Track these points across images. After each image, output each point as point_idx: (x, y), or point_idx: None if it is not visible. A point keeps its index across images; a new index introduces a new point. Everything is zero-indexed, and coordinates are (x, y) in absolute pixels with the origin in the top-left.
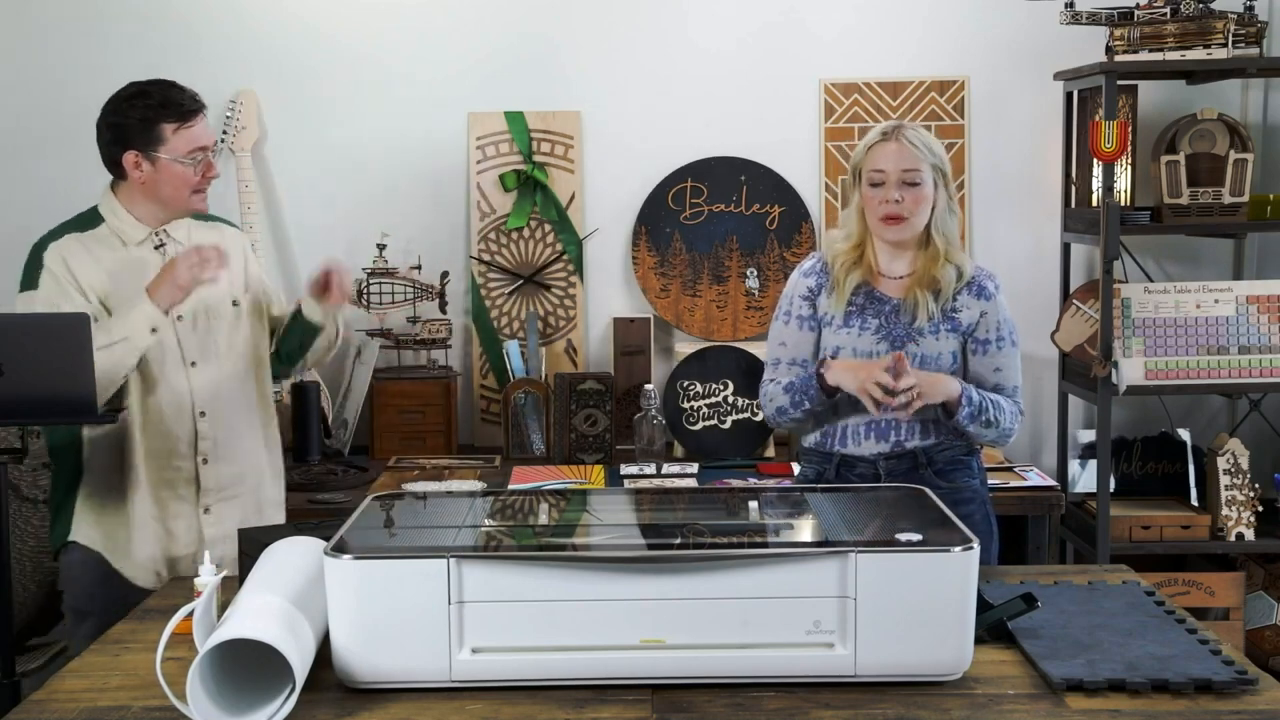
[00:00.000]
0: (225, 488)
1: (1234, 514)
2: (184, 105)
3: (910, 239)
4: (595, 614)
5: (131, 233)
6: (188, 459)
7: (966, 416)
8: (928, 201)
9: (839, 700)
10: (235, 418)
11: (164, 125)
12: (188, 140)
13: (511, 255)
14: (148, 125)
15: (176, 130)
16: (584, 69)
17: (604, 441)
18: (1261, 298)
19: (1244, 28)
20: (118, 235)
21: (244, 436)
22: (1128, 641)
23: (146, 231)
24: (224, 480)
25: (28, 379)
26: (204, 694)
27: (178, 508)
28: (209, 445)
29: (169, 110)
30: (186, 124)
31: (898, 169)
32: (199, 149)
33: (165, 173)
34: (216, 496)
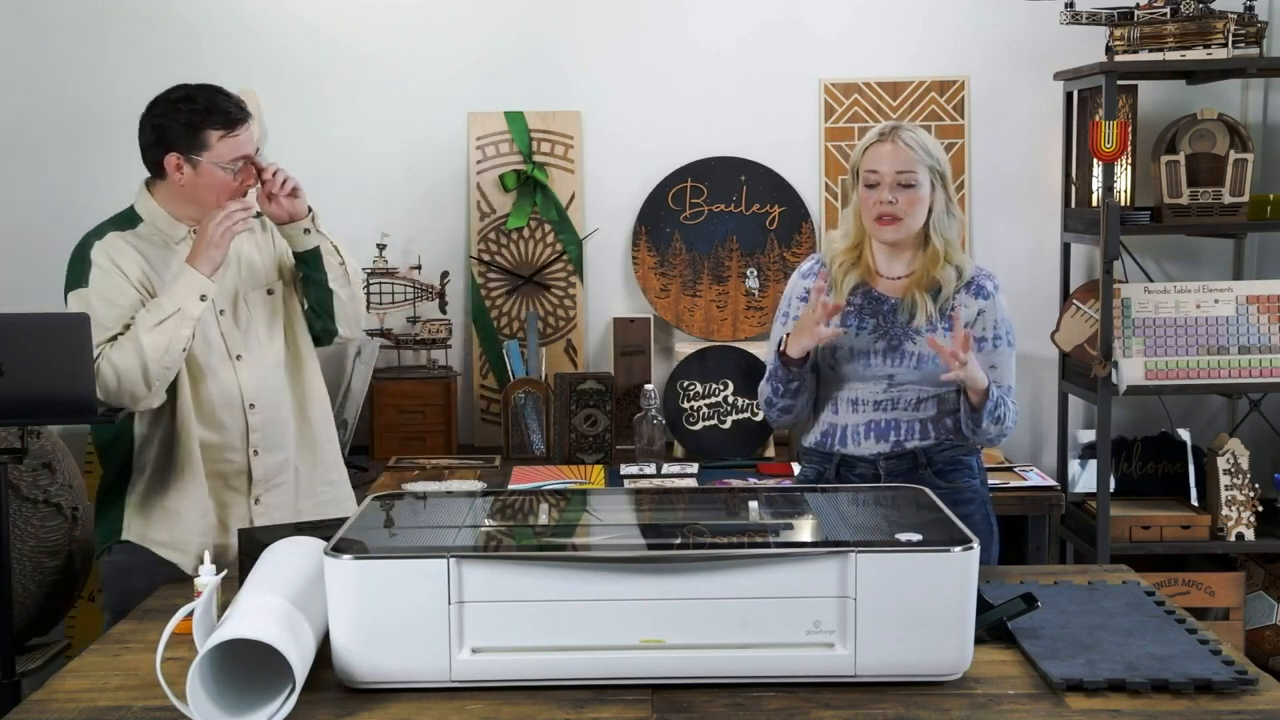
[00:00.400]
0: (273, 477)
1: (1234, 514)
2: (230, 113)
3: (906, 240)
4: (595, 614)
5: (172, 231)
6: (240, 451)
7: (989, 409)
8: (924, 203)
9: (839, 700)
10: (281, 407)
11: (210, 131)
12: (231, 148)
13: (511, 255)
14: (193, 130)
15: (222, 138)
16: (584, 69)
17: (604, 441)
18: (1261, 298)
19: (1244, 28)
20: (160, 231)
21: (289, 424)
22: (1128, 641)
23: (186, 230)
24: (271, 470)
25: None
26: (204, 694)
27: (230, 498)
28: (259, 437)
29: (215, 117)
30: (232, 132)
31: (892, 170)
32: (241, 157)
33: (206, 177)
34: (265, 486)
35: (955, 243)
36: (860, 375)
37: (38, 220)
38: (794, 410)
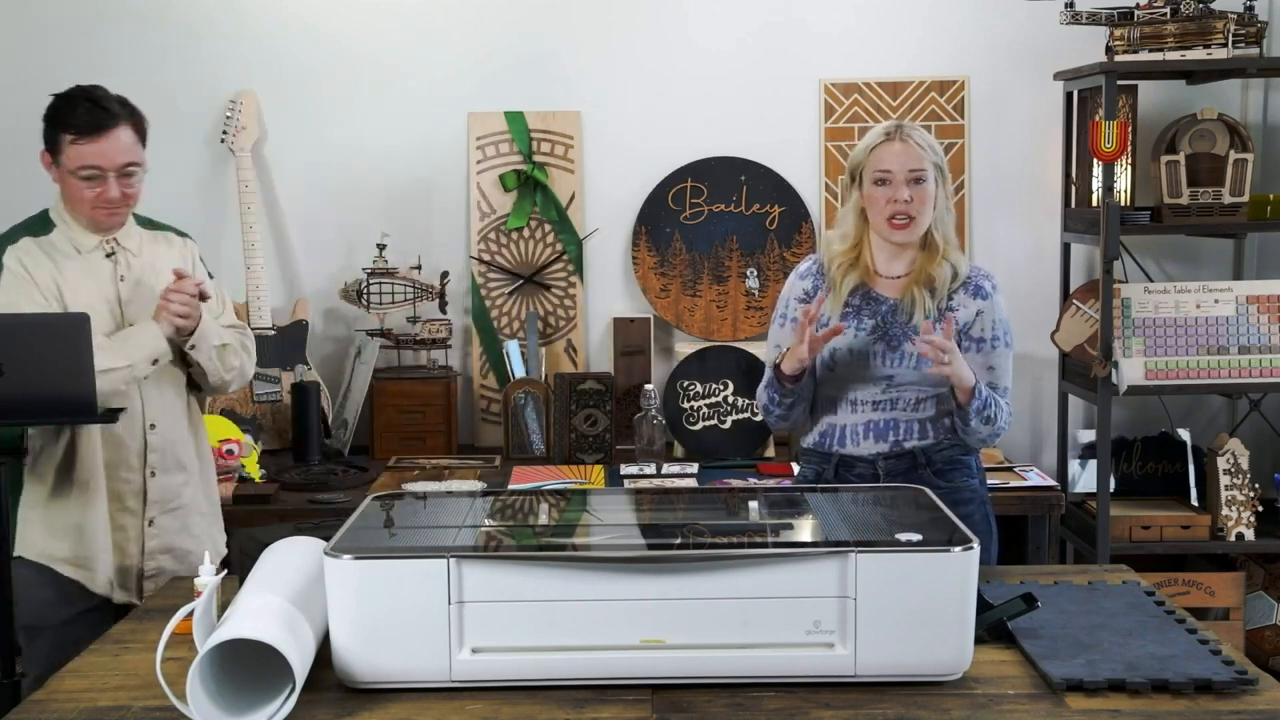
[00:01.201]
0: (168, 500)
1: (1234, 514)
2: (81, 121)
3: (917, 239)
4: (595, 614)
5: (83, 241)
6: (137, 471)
7: (976, 409)
8: (932, 200)
9: (839, 700)
10: (178, 430)
11: (63, 135)
12: (78, 156)
13: (511, 255)
14: (53, 130)
15: (72, 143)
16: (584, 69)
17: (604, 441)
18: (1261, 298)
19: (1244, 28)
20: (70, 242)
21: (184, 448)
22: (1128, 641)
23: (96, 240)
24: (167, 493)
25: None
26: (204, 694)
27: (124, 520)
28: (157, 458)
29: (69, 122)
30: (83, 139)
31: (904, 168)
32: (90, 167)
33: (64, 182)
34: (160, 509)
35: (953, 239)
36: (859, 376)
37: None
38: (791, 417)
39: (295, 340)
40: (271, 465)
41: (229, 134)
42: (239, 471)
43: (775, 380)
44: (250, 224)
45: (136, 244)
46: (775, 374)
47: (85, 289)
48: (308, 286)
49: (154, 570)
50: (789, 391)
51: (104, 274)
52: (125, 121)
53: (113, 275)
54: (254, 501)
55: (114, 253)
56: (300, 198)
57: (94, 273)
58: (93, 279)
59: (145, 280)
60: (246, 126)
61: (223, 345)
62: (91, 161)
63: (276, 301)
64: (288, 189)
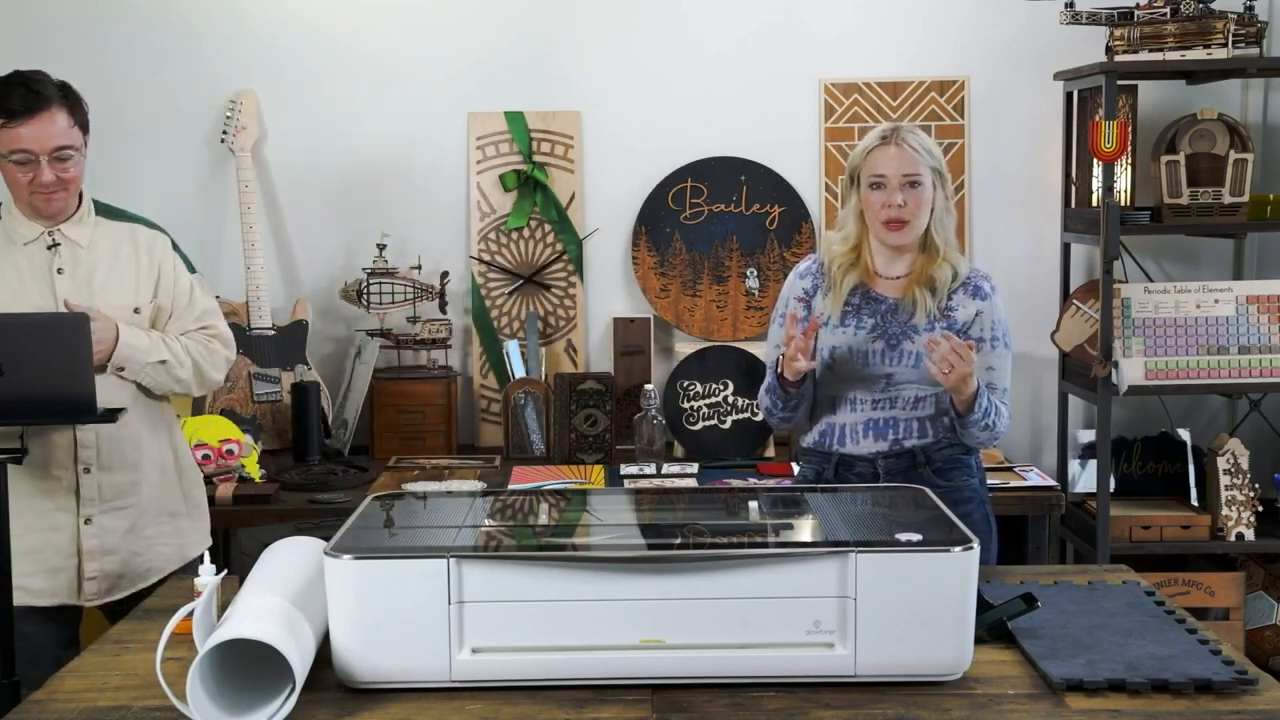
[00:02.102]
0: (110, 499)
1: (1234, 514)
2: (11, 105)
3: (912, 241)
4: (595, 614)
5: (23, 231)
6: (67, 469)
7: (977, 417)
8: (928, 204)
9: (839, 700)
10: (125, 426)
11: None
12: (11, 139)
13: (511, 255)
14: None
15: (4, 126)
16: (584, 69)
17: (604, 441)
18: (1261, 298)
19: (1244, 28)
20: (7, 234)
21: (138, 447)
22: (1128, 641)
23: (38, 231)
24: (108, 491)
25: (28, 379)
26: (204, 694)
27: (56, 519)
28: (90, 454)
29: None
30: (14, 122)
31: (899, 173)
32: (21, 150)
33: (3, 169)
34: (99, 507)
35: (953, 241)
36: (859, 375)
37: None
38: (795, 420)
39: (295, 340)
40: (271, 465)
41: (229, 134)
42: (239, 471)
43: (778, 385)
44: (250, 224)
45: (87, 236)
46: (778, 380)
47: (15, 281)
48: (308, 286)
49: (95, 572)
50: (791, 395)
51: (40, 265)
52: (59, 105)
53: (49, 267)
54: (254, 501)
55: (57, 244)
56: (300, 198)
57: (29, 264)
58: (26, 271)
59: (92, 276)
60: (246, 126)
61: (160, 362)
62: (23, 145)
63: (276, 301)
64: (288, 189)
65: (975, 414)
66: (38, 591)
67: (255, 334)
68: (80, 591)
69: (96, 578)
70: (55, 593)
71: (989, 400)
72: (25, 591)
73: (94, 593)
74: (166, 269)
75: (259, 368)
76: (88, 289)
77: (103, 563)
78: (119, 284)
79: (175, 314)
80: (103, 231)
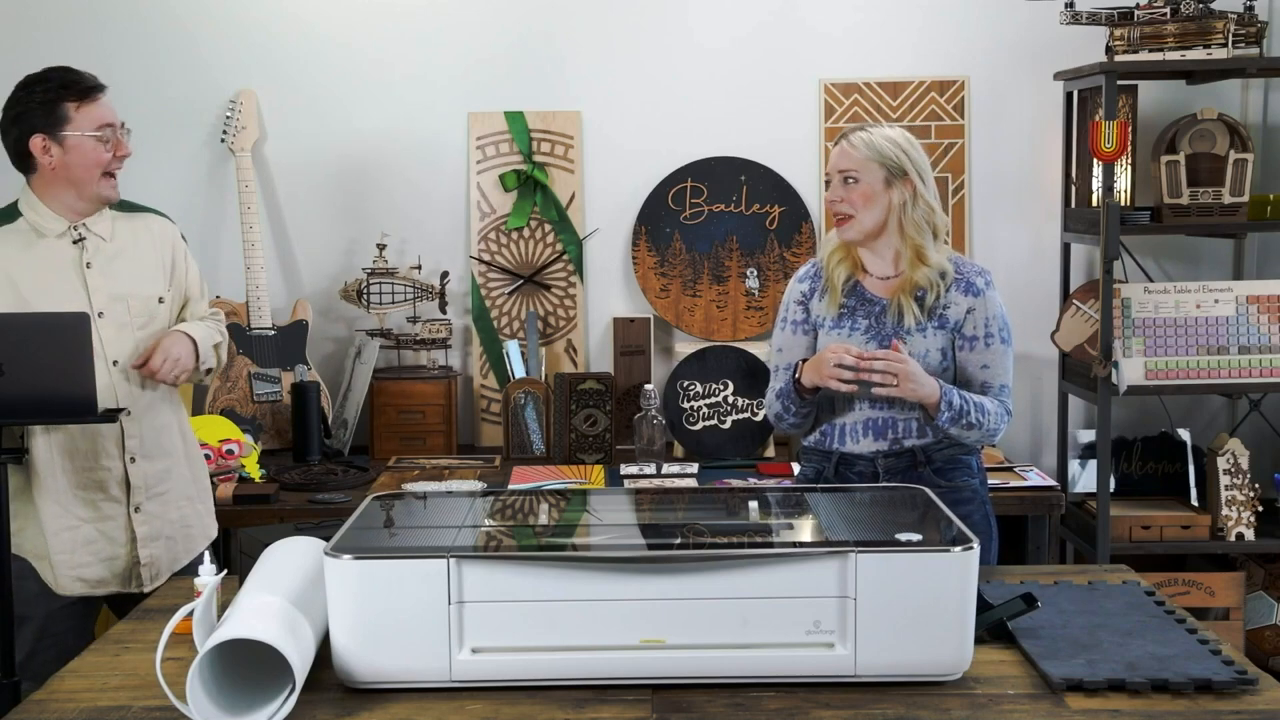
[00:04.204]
0: (152, 485)
1: (1234, 514)
2: (83, 83)
3: (858, 239)
4: (595, 614)
5: (49, 225)
6: (116, 459)
7: (946, 420)
8: (874, 199)
9: (839, 700)
10: (159, 415)
11: (66, 104)
12: (92, 117)
13: (511, 255)
14: (50, 106)
15: (79, 108)
16: (584, 69)
17: (604, 441)
18: (1261, 298)
19: (1244, 28)
20: (35, 229)
21: (166, 433)
22: (1128, 641)
23: (65, 225)
24: (151, 478)
25: (28, 379)
26: (204, 694)
27: (108, 509)
28: (136, 444)
29: (69, 90)
30: (89, 100)
31: (836, 169)
32: (106, 125)
33: (74, 152)
34: (145, 495)
35: (928, 244)
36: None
37: None
38: (804, 425)
39: (295, 340)
40: (271, 465)
41: (229, 134)
42: (239, 471)
43: (794, 392)
44: (250, 224)
45: (108, 228)
46: (795, 387)
47: (45, 274)
48: (308, 286)
49: (147, 559)
50: (807, 402)
51: (67, 259)
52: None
53: (78, 260)
54: (254, 501)
55: (83, 238)
56: (300, 198)
57: (58, 259)
58: (55, 264)
59: (118, 268)
60: (246, 126)
61: (215, 345)
62: (107, 118)
63: (276, 301)
64: (288, 189)
65: (944, 413)
66: (95, 581)
67: (255, 334)
68: (134, 579)
69: (148, 564)
70: (111, 581)
71: (960, 398)
72: (84, 583)
73: (146, 579)
74: (180, 256)
75: (259, 368)
76: (116, 281)
77: (152, 549)
78: (142, 274)
79: (192, 299)
80: (120, 224)
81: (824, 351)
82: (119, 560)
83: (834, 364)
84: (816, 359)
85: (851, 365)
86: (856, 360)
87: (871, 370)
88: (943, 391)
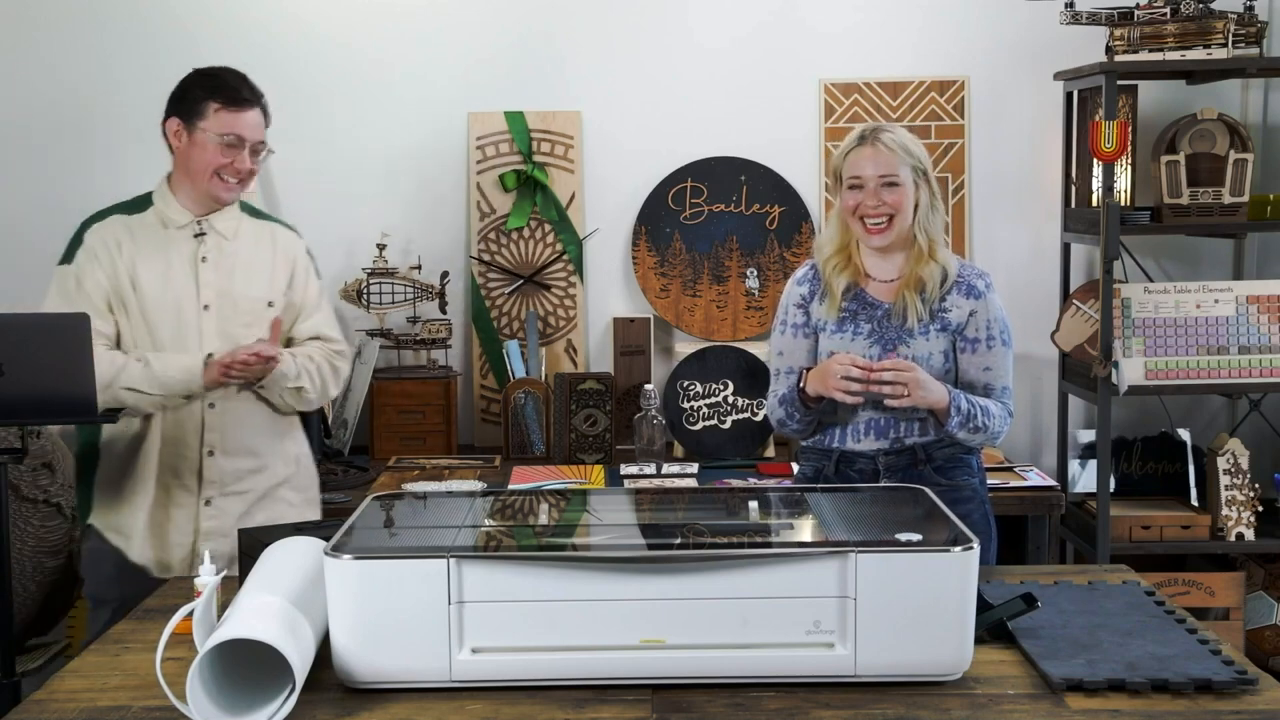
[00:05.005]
0: (230, 483)
1: (1234, 514)
2: (237, 92)
3: (899, 240)
4: (595, 614)
5: (175, 217)
6: (194, 449)
7: (956, 425)
8: (909, 204)
9: (839, 700)
10: (250, 414)
11: (210, 102)
12: (226, 122)
13: (511, 255)
14: (197, 99)
15: (219, 110)
16: (584, 69)
17: (604, 441)
18: (1261, 298)
19: (1244, 28)
20: (161, 219)
21: (259, 435)
22: (1128, 641)
23: (190, 218)
24: (229, 475)
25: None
26: (204, 694)
27: (179, 496)
28: (216, 437)
29: (220, 92)
30: (231, 108)
31: (875, 174)
32: (235, 134)
33: (196, 146)
34: (219, 490)
35: (939, 240)
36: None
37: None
38: (806, 431)
39: None
40: None
41: None
42: None
43: (799, 399)
44: None
45: (232, 228)
46: (800, 395)
47: (164, 266)
48: None
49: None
50: (812, 410)
51: (186, 251)
52: (258, 104)
53: (195, 253)
54: None
55: (204, 233)
56: (300, 198)
57: (177, 250)
58: (174, 256)
59: (233, 268)
60: None
61: (297, 389)
62: (238, 130)
63: None
64: (288, 189)
65: (954, 419)
66: (156, 564)
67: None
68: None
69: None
70: (171, 568)
71: (968, 402)
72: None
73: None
74: (300, 269)
75: None
76: (228, 279)
77: (218, 544)
78: (256, 277)
79: (304, 314)
80: (246, 227)
81: (829, 362)
82: (180, 549)
83: (841, 376)
84: (821, 369)
85: (859, 378)
86: (864, 372)
87: (881, 383)
88: (951, 396)
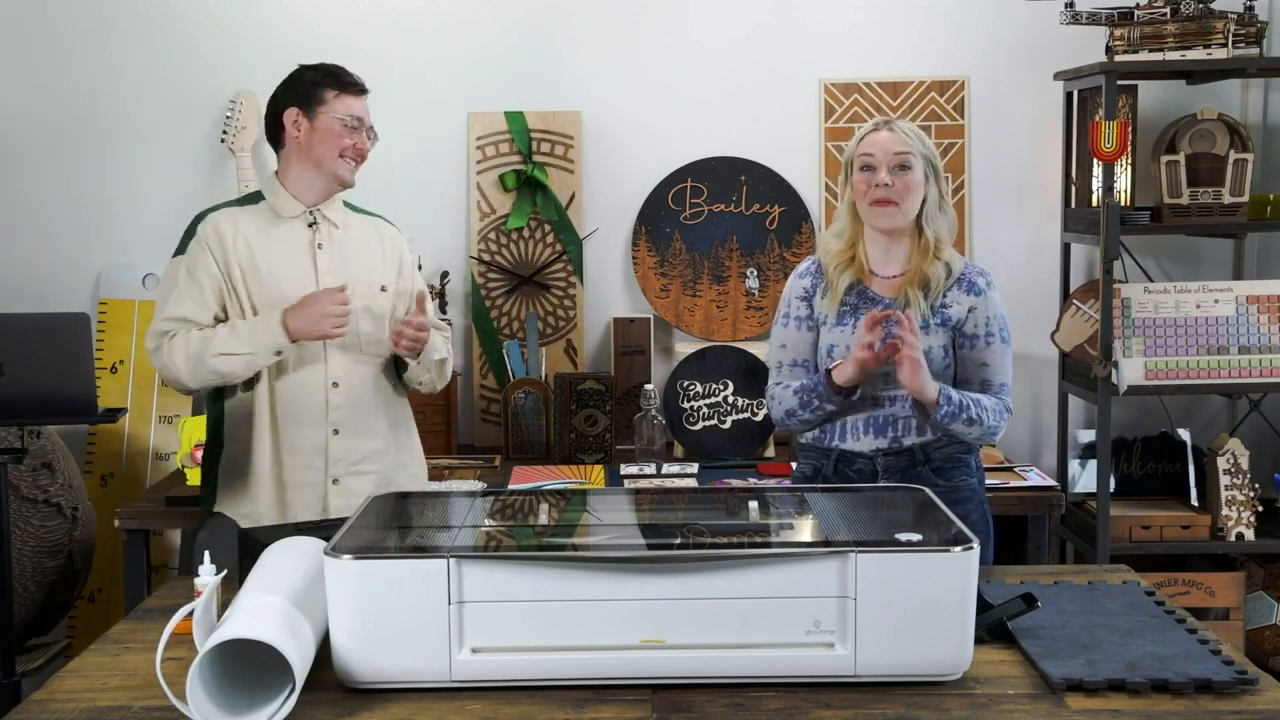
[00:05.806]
0: (356, 462)
1: (1234, 514)
2: (350, 79)
3: (902, 228)
4: (595, 614)
5: (287, 208)
6: (318, 428)
7: (946, 416)
8: (918, 190)
9: (839, 700)
10: (370, 396)
11: (327, 90)
12: (346, 105)
13: (511, 255)
14: (314, 88)
15: (337, 96)
16: (584, 69)
17: (604, 441)
18: (1261, 298)
19: (1244, 28)
20: (273, 210)
21: (378, 417)
22: (1128, 641)
23: (301, 209)
24: (354, 454)
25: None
26: (204, 694)
27: (309, 476)
28: (340, 416)
29: (334, 80)
30: (347, 93)
31: (888, 152)
32: (355, 117)
33: (320, 130)
34: (346, 469)
35: (945, 238)
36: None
37: (38, 218)
38: (813, 424)
39: None
40: None
41: (229, 134)
42: None
43: (826, 389)
44: None
45: (341, 218)
46: (828, 385)
47: (280, 253)
48: None
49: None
50: (838, 403)
51: (302, 240)
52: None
53: (310, 242)
54: None
55: (316, 223)
56: None
57: (292, 239)
58: (290, 244)
59: (346, 254)
60: (246, 126)
61: (441, 360)
62: (357, 113)
63: None
64: None
65: (943, 407)
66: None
67: None
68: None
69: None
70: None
71: (959, 394)
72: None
73: None
74: (407, 262)
75: None
76: (344, 266)
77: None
78: (369, 263)
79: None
80: (353, 218)
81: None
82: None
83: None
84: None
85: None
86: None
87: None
88: (940, 389)
